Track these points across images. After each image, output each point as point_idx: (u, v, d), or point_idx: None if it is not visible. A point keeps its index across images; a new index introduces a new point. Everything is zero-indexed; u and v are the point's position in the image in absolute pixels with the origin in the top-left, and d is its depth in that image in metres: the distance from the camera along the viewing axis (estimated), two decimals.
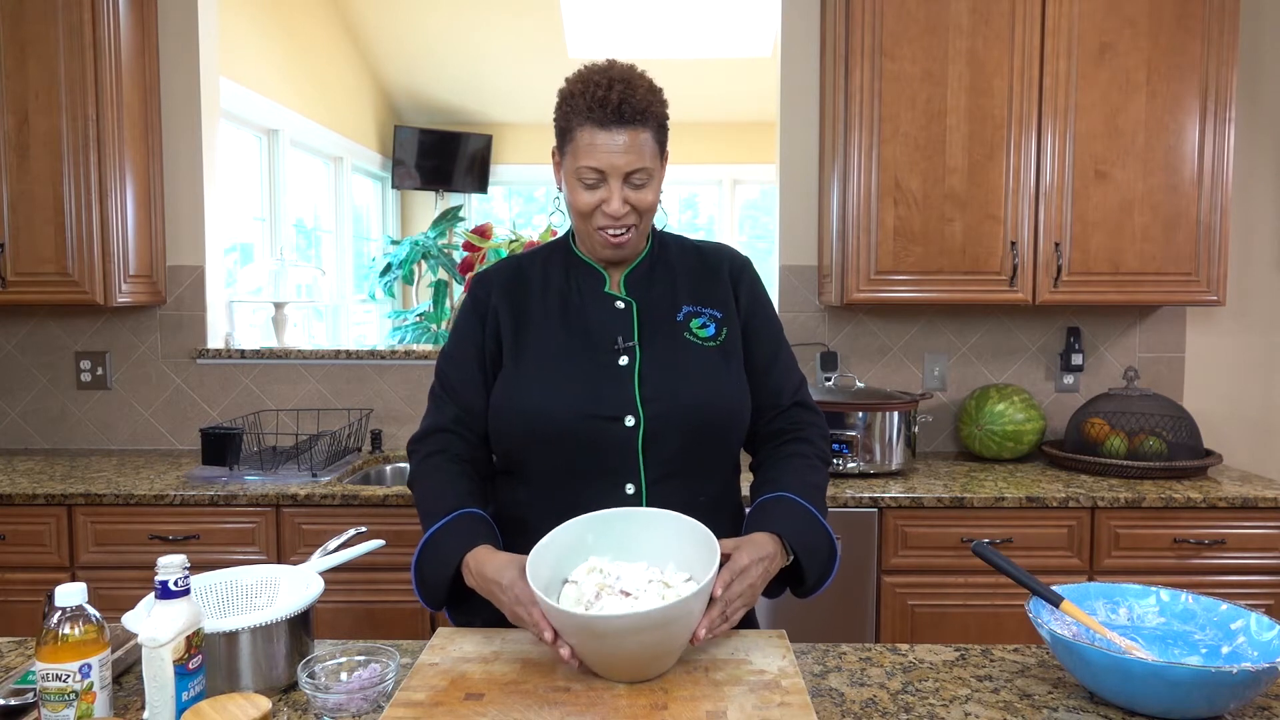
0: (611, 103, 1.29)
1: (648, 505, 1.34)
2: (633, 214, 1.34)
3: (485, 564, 1.23)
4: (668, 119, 1.36)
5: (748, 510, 1.39)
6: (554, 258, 1.47)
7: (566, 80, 1.36)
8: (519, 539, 1.40)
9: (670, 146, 1.40)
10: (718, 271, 1.47)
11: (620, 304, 1.41)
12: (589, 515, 1.22)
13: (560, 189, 1.42)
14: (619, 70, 1.33)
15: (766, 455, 1.45)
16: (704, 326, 1.41)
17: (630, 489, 1.34)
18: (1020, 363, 3.00)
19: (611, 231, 1.35)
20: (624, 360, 1.37)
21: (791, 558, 1.29)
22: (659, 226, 1.51)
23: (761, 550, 1.23)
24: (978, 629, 2.40)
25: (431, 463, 1.40)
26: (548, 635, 1.11)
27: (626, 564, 1.19)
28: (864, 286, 2.62)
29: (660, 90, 1.36)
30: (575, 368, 1.36)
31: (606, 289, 1.42)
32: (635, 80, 1.32)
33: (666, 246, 1.49)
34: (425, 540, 1.31)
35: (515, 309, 1.42)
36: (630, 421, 1.33)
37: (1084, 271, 2.61)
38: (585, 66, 1.36)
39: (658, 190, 1.36)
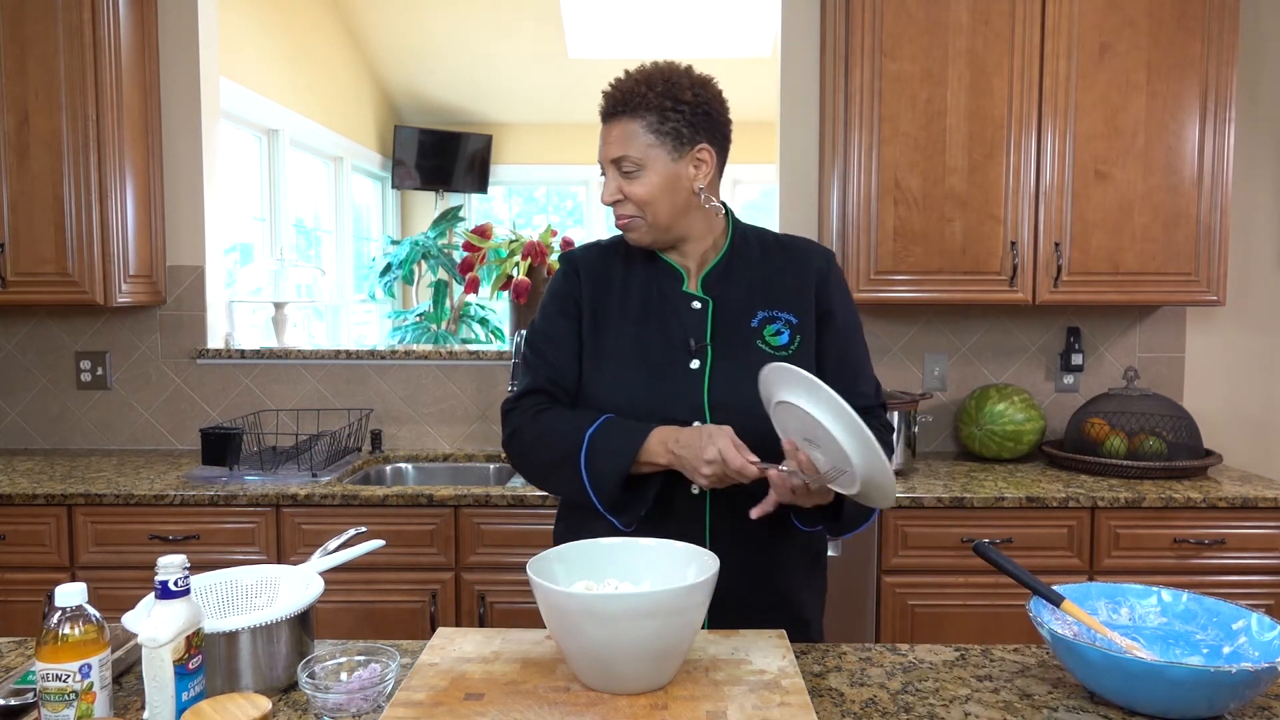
0: (605, 98, 1.36)
1: (712, 506, 1.36)
2: (628, 204, 1.36)
3: (679, 431, 1.28)
4: (674, 109, 1.34)
5: None
6: (637, 252, 1.46)
7: None
8: (587, 524, 1.41)
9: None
10: (802, 271, 1.44)
11: (697, 304, 1.40)
12: (592, 540, 1.23)
13: None
14: (638, 68, 1.37)
15: None
16: (778, 334, 1.40)
17: (695, 489, 1.36)
18: (1020, 363, 3.00)
19: (618, 222, 1.38)
20: (695, 364, 1.37)
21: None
22: (722, 216, 1.47)
23: None
24: (978, 629, 2.40)
25: (542, 412, 1.40)
26: (752, 469, 1.19)
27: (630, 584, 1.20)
28: (864, 286, 2.62)
29: (667, 81, 1.34)
30: (647, 369, 1.38)
31: (685, 288, 1.42)
32: (634, 73, 1.35)
33: (747, 241, 1.46)
34: (591, 434, 1.32)
35: (596, 301, 1.43)
36: (697, 425, 1.33)
37: (1084, 271, 2.61)
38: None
39: (654, 183, 1.35)
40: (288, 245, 4.68)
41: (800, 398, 1.17)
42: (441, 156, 6.29)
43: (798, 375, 1.16)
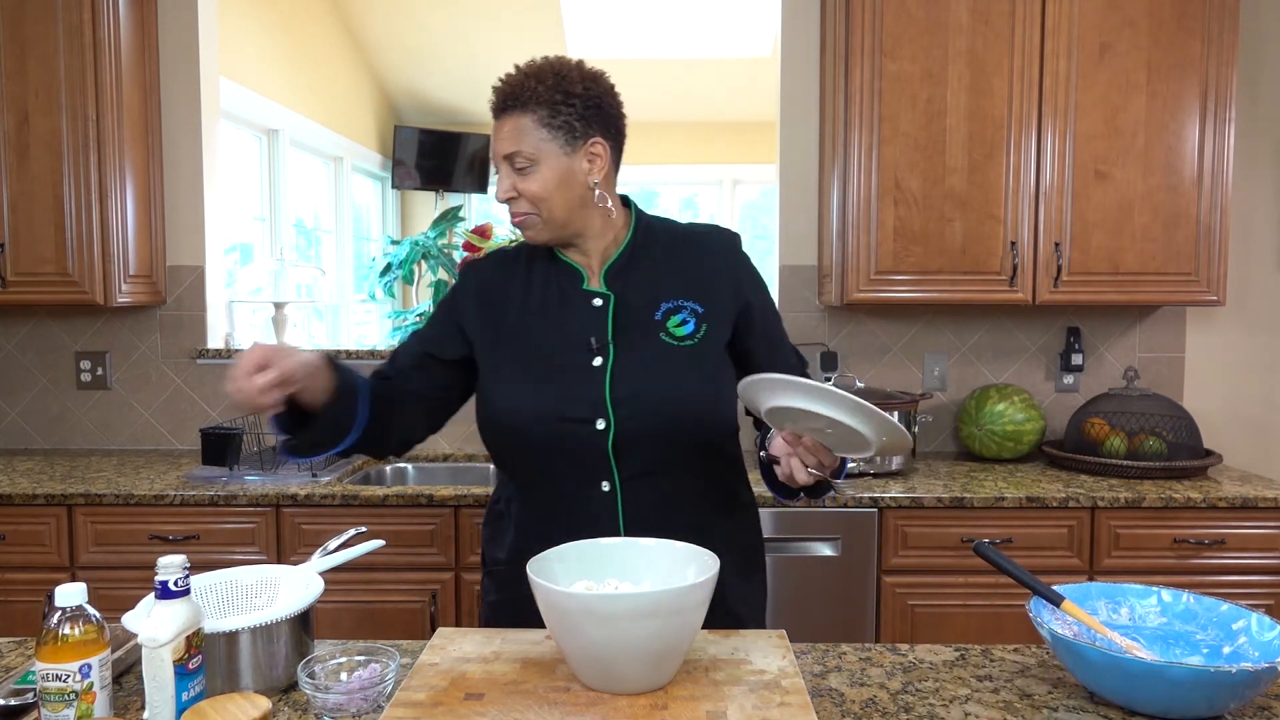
0: (495, 93, 1.35)
1: (623, 503, 1.36)
2: (523, 200, 1.35)
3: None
4: (565, 102, 1.32)
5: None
6: (537, 254, 1.46)
7: None
8: (505, 531, 1.45)
9: (671, 146, 1.40)
10: (710, 260, 1.44)
11: (598, 301, 1.39)
12: (592, 540, 1.23)
13: None
14: (527, 63, 1.36)
15: None
16: (682, 324, 1.39)
17: (605, 486, 1.36)
18: (1020, 363, 3.00)
19: (512, 215, 1.37)
20: (598, 361, 1.36)
21: None
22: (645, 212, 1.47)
23: None
24: (978, 629, 2.40)
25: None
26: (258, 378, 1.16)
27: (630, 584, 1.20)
28: (864, 286, 2.62)
29: (555, 75, 1.33)
30: (548, 370, 1.37)
31: (585, 285, 1.41)
32: (524, 67, 1.35)
33: (651, 233, 1.45)
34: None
35: (491, 310, 1.43)
36: (601, 424, 1.33)
37: (1084, 271, 2.61)
38: None
39: (548, 179, 1.33)
40: (288, 245, 4.68)
41: (794, 400, 1.17)
42: (441, 156, 6.29)
43: (781, 381, 1.16)
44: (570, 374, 1.36)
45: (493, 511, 1.51)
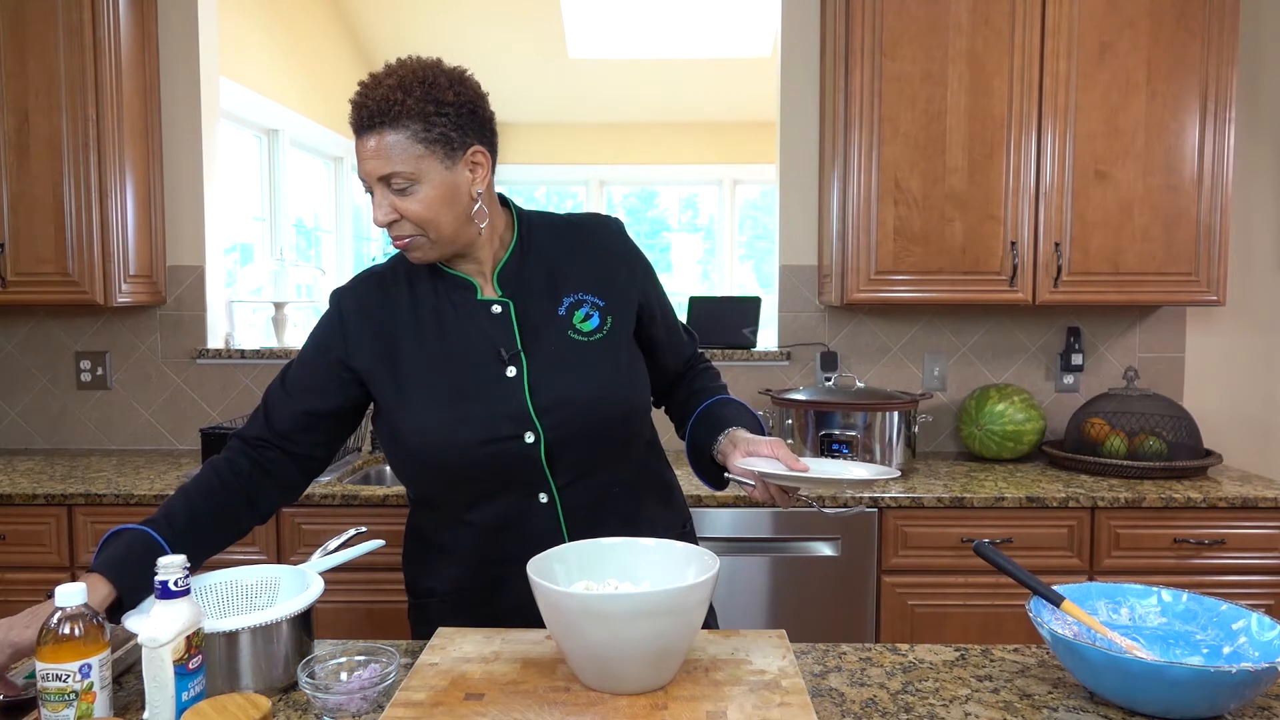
0: (357, 110, 1.22)
1: (564, 511, 1.33)
2: (406, 223, 1.24)
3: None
4: (439, 113, 1.22)
5: (705, 405, 1.45)
6: (419, 271, 1.35)
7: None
8: (440, 562, 1.41)
9: (670, 146, 1.37)
10: (599, 250, 1.39)
11: (497, 308, 1.32)
12: (593, 540, 1.23)
13: None
14: (379, 73, 1.23)
15: (683, 383, 1.54)
16: (587, 318, 1.34)
17: (543, 498, 1.32)
18: (1020, 363, 3.00)
19: (395, 241, 1.26)
20: (511, 371, 1.29)
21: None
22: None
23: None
24: (978, 629, 2.40)
25: (199, 478, 1.31)
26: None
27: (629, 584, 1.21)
28: (864, 286, 2.62)
29: (428, 83, 1.21)
30: (461, 390, 1.29)
31: (480, 296, 1.33)
32: (384, 79, 1.22)
33: (534, 228, 1.38)
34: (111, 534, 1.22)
35: (382, 340, 1.32)
36: (530, 438, 1.28)
37: (1084, 271, 2.61)
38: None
39: (432, 197, 1.23)
40: (288, 245, 4.68)
41: (803, 487, 1.26)
42: None
43: (797, 478, 1.25)
44: (486, 390, 1.28)
45: (414, 539, 1.44)
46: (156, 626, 1.02)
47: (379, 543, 1.41)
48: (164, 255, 2.98)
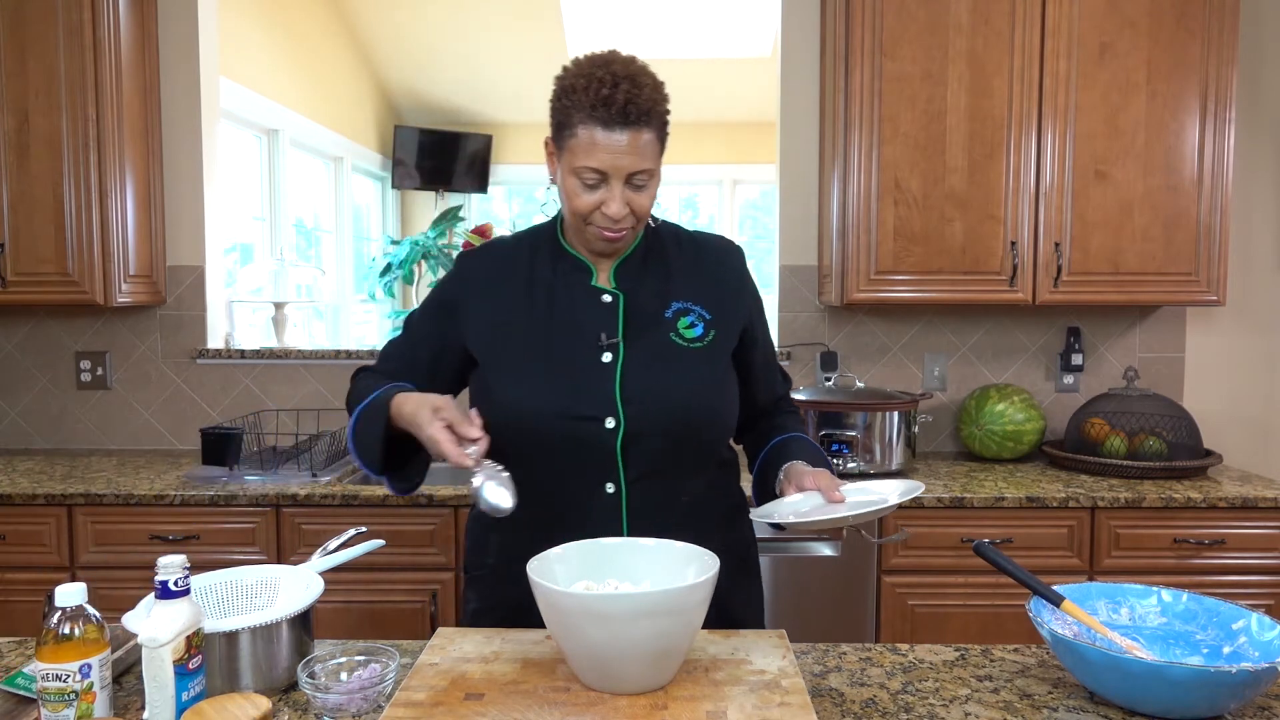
0: (617, 102, 1.24)
1: (627, 504, 1.34)
2: (631, 216, 1.31)
3: (409, 398, 1.28)
4: (669, 115, 1.32)
5: (775, 440, 1.47)
6: (540, 247, 1.43)
7: (565, 70, 1.30)
8: (491, 532, 1.44)
9: (670, 146, 1.39)
10: (719, 270, 1.44)
11: (607, 297, 1.37)
12: (593, 540, 1.23)
13: (553, 181, 1.37)
14: (622, 66, 1.27)
15: (765, 419, 1.54)
16: (691, 326, 1.38)
17: (610, 488, 1.33)
18: (1020, 363, 3.00)
19: (609, 232, 1.32)
20: (607, 357, 1.34)
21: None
22: (656, 216, 1.46)
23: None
24: (978, 629, 2.40)
25: (370, 376, 1.44)
26: (460, 448, 1.20)
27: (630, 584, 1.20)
28: (864, 286, 2.62)
29: (663, 85, 1.31)
30: (556, 365, 1.34)
31: (594, 282, 1.39)
32: (641, 77, 1.27)
33: (661, 236, 1.45)
34: (360, 409, 1.34)
35: (494, 303, 1.39)
36: (610, 423, 1.31)
37: (1084, 271, 2.61)
38: (585, 57, 1.30)
39: (654, 192, 1.33)
40: (288, 245, 4.68)
41: (806, 525, 1.27)
42: (441, 156, 6.29)
43: (818, 504, 1.28)
44: (579, 370, 1.33)
45: (478, 512, 1.48)
46: (156, 626, 1.02)
47: (379, 543, 1.41)
48: (164, 255, 2.98)
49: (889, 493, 1.28)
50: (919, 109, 2.58)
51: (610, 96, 1.24)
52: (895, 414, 2.59)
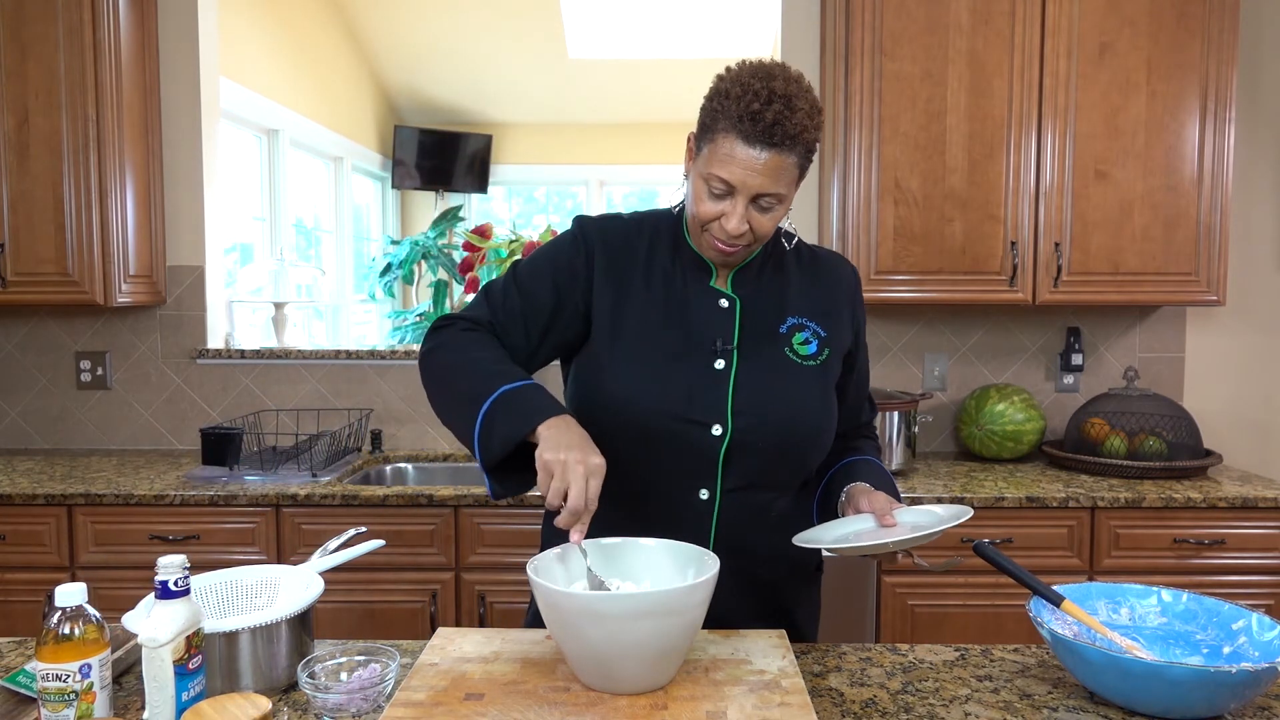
0: (765, 120, 1.18)
1: (719, 514, 1.32)
2: (749, 234, 1.26)
3: (569, 425, 1.17)
4: (818, 144, 1.26)
5: (846, 461, 1.44)
6: (662, 235, 1.38)
7: (727, 71, 1.26)
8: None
9: (669, 147, 1.37)
10: (834, 286, 1.41)
11: (724, 302, 1.34)
12: (593, 541, 1.22)
13: (686, 177, 1.33)
14: (782, 83, 1.21)
15: (842, 441, 1.49)
16: (806, 343, 1.35)
17: (704, 494, 1.31)
18: (1020, 363, 3.00)
19: (722, 244, 1.27)
20: (720, 364, 1.31)
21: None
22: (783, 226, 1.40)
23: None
24: (978, 629, 2.40)
25: (477, 334, 1.31)
26: (574, 538, 1.14)
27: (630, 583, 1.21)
28: (864, 287, 2.62)
29: (820, 112, 1.24)
30: (672, 365, 1.30)
31: (712, 283, 1.35)
32: (797, 100, 1.20)
33: (781, 246, 1.41)
34: (503, 393, 1.21)
35: (617, 283, 1.34)
36: (717, 430, 1.29)
37: (1084, 271, 2.61)
38: (750, 64, 1.25)
39: (779, 216, 1.27)
40: (288, 245, 4.68)
41: (848, 550, 1.24)
42: (441, 156, 6.29)
43: (869, 529, 1.28)
44: (693, 373, 1.30)
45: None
46: (156, 626, 1.02)
47: (379, 543, 1.41)
48: (164, 255, 2.98)
49: (939, 518, 1.26)
50: (919, 109, 2.58)
51: (760, 112, 1.19)
52: (895, 414, 2.59)
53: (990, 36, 2.56)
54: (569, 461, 1.13)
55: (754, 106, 1.19)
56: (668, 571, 1.20)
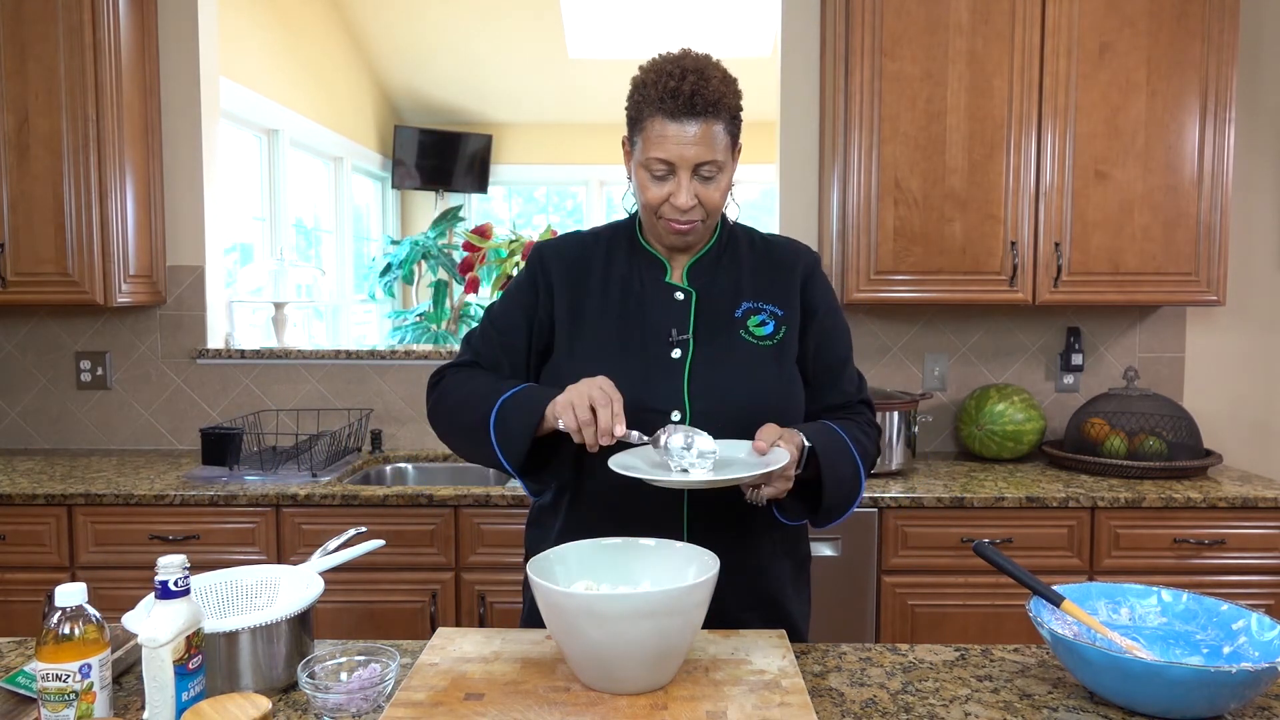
0: (684, 93, 1.27)
1: (689, 502, 1.34)
2: (699, 209, 1.32)
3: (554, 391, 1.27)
4: (741, 110, 1.34)
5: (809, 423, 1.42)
6: (618, 242, 1.45)
7: (640, 68, 1.34)
8: (552, 527, 1.42)
9: None
10: (788, 269, 1.44)
11: (680, 295, 1.39)
12: (593, 541, 1.22)
13: (630, 177, 1.39)
14: (692, 60, 1.31)
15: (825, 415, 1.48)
16: (762, 324, 1.39)
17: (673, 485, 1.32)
18: (1020, 363, 3.00)
19: (677, 223, 1.33)
20: (676, 353, 1.36)
21: (801, 470, 1.29)
22: (731, 218, 1.47)
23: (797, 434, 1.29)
24: (978, 629, 2.40)
25: (467, 370, 1.42)
26: (619, 430, 1.19)
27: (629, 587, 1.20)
28: (864, 286, 2.62)
29: (735, 81, 1.33)
30: (627, 359, 1.36)
31: (667, 279, 1.41)
32: (709, 70, 1.30)
33: (735, 237, 1.46)
34: (504, 399, 1.31)
35: (573, 292, 1.41)
36: (676, 416, 1.33)
37: (1084, 271, 2.61)
38: (660, 55, 1.34)
39: (727, 185, 1.34)
40: (288, 245, 4.68)
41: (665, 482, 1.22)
42: (441, 156, 6.29)
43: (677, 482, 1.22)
44: (649, 364, 1.36)
45: (537, 508, 1.48)
46: (156, 626, 1.02)
47: (379, 543, 1.41)
48: (164, 255, 2.98)
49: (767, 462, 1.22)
50: (919, 109, 2.58)
51: (677, 88, 1.27)
52: (895, 414, 2.59)
53: (990, 36, 2.56)
54: (578, 388, 1.22)
55: (670, 84, 1.28)
56: (668, 571, 1.20)
